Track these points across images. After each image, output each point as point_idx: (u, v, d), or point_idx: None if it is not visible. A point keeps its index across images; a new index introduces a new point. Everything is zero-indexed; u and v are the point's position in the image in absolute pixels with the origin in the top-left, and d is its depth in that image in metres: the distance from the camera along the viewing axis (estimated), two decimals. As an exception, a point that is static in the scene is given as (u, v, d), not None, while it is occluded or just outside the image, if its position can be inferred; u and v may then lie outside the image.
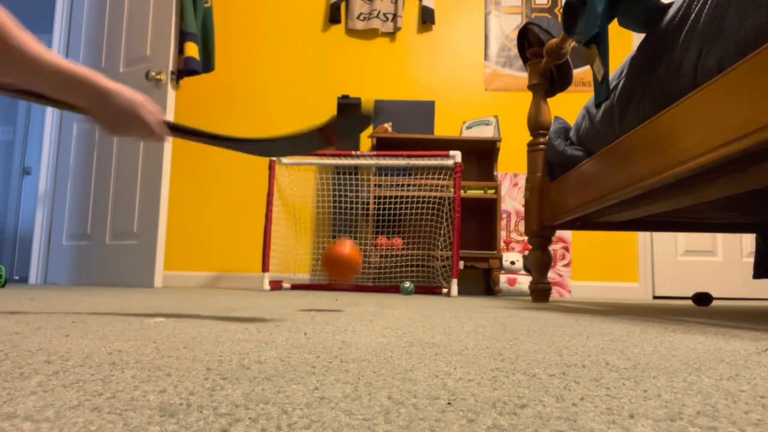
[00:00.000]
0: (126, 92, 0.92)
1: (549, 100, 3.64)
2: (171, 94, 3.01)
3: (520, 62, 3.71)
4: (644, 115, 1.42)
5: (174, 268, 3.59)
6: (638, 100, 1.44)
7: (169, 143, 3.02)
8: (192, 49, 3.04)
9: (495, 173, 3.40)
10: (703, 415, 0.31)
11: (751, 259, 3.51)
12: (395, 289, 2.98)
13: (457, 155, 2.88)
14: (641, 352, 0.60)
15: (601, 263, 3.53)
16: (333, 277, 1.19)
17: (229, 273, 3.58)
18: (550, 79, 2.29)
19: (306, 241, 3.60)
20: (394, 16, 3.72)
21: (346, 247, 1.18)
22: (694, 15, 1.20)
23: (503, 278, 3.21)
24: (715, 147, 1.04)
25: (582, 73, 3.67)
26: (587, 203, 1.74)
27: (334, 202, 3.48)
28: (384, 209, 3.40)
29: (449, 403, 0.33)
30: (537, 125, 2.27)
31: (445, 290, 2.91)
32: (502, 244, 3.47)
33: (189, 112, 3.72)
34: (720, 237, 3.52)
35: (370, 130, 3.59)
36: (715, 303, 2.79)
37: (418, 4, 3.77)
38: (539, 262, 2.25)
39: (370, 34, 3.76)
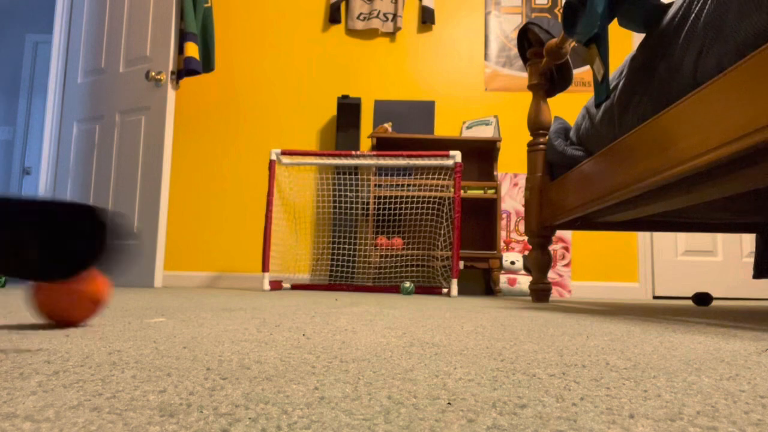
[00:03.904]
0: None
1: (549, 100, 3.64)
2: (171, 94, 3.01)
3: (520, 62, 3.71)
4: (644, 115, 1.42)
5: (174, 268, 3.59)
6: (638, 100, 1.44)
7: (170, 142, 3.02)
8: (192, 49, 3.04)
9: (495, 173, 3.40)
10: (703, 415, 0.31)
11: (751, 259, 3.50)
12: (395, 289, 2.98)
13: (457, 155, 2.88)
14: (641, 352, 0.60)
15: (601, 263, 3.53)
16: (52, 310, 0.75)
17: (229, 273, 3.58)
18: (550, 79, 2.29)
19: (306, 241, 3.60)
20: (394, 16, 3.71)
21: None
22: (694, 15, 1.20)
23: (503, 278, 3.21)
24: (715, 147, 1.04)
25: (582, 73, 3.67)
26: (587, 203, 1.74)
27: (334, 202, 3.48)
28: (384, 209, 3.40)
29: (449, 403, 0.33)
30: (537, 125, 2.27)
31: (445, 290, 2.91)
32: (502, 244, 3.47)
33: (189, 112, 3.72)
34: (720, 237, 3.52)
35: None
36: (715, 303, 2.79)
37: (418, 4, 3.77)
38: (539, 262, 2.25)
39: (370, 34, 3.76)
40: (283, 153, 2.98)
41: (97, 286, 0.76)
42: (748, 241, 3.51)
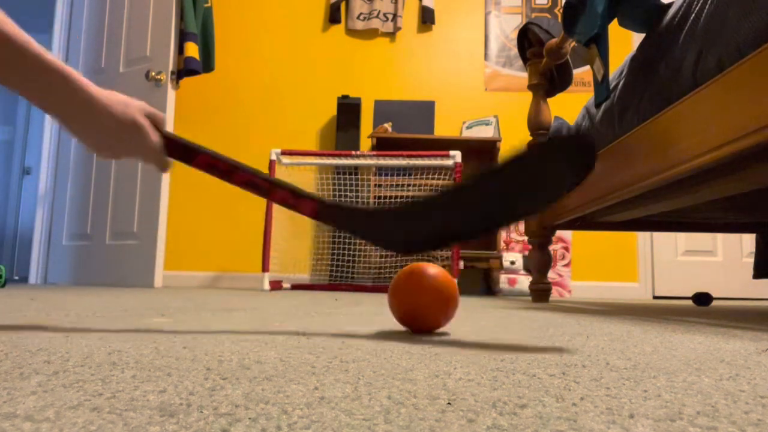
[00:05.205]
0: (120, 103, 0.71)
1: (549, 100, 3.64)
2: (171, 94, 3.01)
3: (520, 62, 3.71)
4: (644, 115, 1.42)
5: (174, 268, 3.59)
6: (638, 100, 1.44)
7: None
8: (192, 49, 3.04)
9: (495, 173, 3.39)
10: (703, 415, 0.31)
11: (751, 259, 3.50)
12: (395, 289, 2.97)
13: (457, 155, 2.88)
14: (641, 352, 0.60)
15: (601, 263, 3.53)
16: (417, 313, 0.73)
17: (229, 273, 3.58)
18: (550, 79, 2.29)
19: (306, 241, 3.60)
20: (394, 16, 3.71)
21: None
22: (694, 15, 1.20)
23: (503, 278, 3.21)
24: (715, 147, 1.04)
25: (582, 73, 3.67)
26: (587, 203, 1.74)
27: (334, 202, 3.47)
28: (384, 209, 3.40)
29: (449, 403, 0.33)
30: (537, 125, 2.27)
31: (445, 290, 2.91)
32: (502, 244, 3.47)
33: (189, 112, 3.72)
34: (720, 237, 3.52)
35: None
36: (715, 303, 2.79)
37: (418, 4, 3.77)
38: (539, 262, 2.25)
39: (370, 34, 3.76)
40: (283, 153, 2.98)
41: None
42: (748, 241, 3.51)
